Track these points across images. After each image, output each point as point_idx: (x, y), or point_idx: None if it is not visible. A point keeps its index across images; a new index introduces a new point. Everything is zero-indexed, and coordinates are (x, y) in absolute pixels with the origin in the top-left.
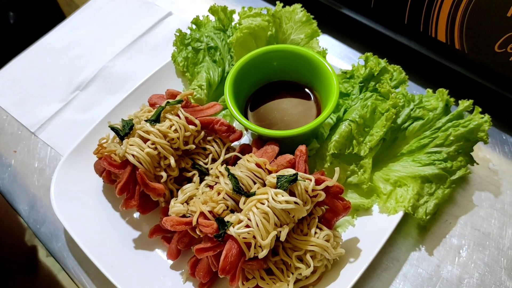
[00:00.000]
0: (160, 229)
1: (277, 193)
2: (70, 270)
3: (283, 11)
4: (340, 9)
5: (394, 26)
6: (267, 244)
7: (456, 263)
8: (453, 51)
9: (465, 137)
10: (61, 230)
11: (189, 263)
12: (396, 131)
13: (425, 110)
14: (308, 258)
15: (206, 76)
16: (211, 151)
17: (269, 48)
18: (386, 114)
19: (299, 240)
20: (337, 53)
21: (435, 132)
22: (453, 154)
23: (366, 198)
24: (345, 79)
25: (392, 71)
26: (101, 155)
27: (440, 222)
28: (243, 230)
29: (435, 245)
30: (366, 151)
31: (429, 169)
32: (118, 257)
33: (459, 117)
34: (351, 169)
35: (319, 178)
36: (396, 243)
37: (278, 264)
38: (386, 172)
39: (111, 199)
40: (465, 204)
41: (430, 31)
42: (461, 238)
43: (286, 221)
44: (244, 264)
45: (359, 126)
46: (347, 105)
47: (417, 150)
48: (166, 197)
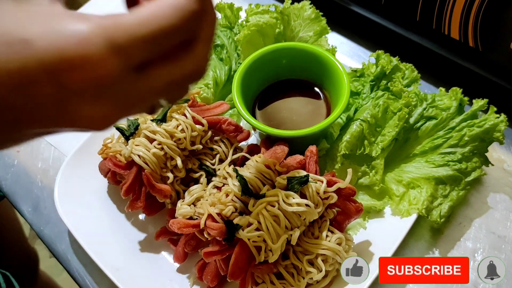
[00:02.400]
0: (166, 231)
1: (287, 195)
2: (74, 272)
3: (291, 8)
4: (349, 6)
5: (406, 23)
6: (277, 248)
7: (471, 267)
8: (466, 49)
9: (480, 138)
10: (65, 232)
11: (197, 267)
12: (408, 131)
13: (438, 110)
14: (319, 262)
15: (212, 75)
16: (219, 151)
17: (278, 46)
18: (399, 114)
19: (310, 243)
20: (346, 51)
21: (449, 132)
22: (468, 155)
23: (378, 200)
24: (355, 78)
25: (404, 70)
26: (106, 155)
27: (454, 224)
28: (253, 234)
29: (449, 249)
30: (378, 151)
31: (443, 170)
32: (123, 259)
33: (473, 116)
34: (362, 170)
35: (331, 180)
36: (408, 246)
37: (289, 268)
38: (399, 173)
39: (116, 200)
40: (479, 206)
41: (443, 28)
42: (476, 241)
43: (297, 224)
44: (253, 268)
45: (371, 126)
46: (357, 104)
47: (430, 150)
48: (173, 198)
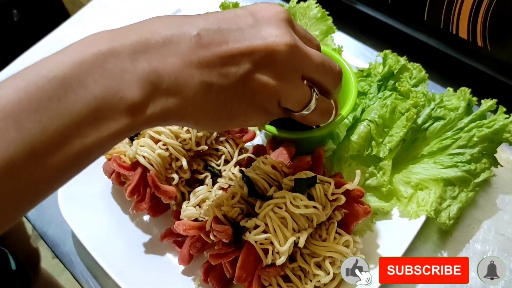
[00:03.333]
0: (171, 233)
1: (295, 197)
2: (78, 274)
3: (297, 7)
4: (355, 5)
5: (413, 22)
6: (285, 251)
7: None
8: (475, 48)
9: (489, 138)
10: (69, 233)
11: (202, 269)
12: (416, 131)
13: (446, 110)
14: (327, 265)
15: None
16: (224, 152)
17: None
18: (407, 114)
19: (318, 246)
20: (352, 50)
21: (457, 133)
22: (476, 156)
23: (386, 201)
24: (361, 78)
25: (411, 69)
26: (110, 156)
27: (463, 226)
28: (260, 236)
29: (458, 251)
30: (386, 152)
31: (451, 172)
32: (128, 261)
33: (482, 117)
34: (369, 171)
35: (339, 181)
36: (416, 248)
37: (296, 271)
38: (407, 175)
39: (120, 201)
40: (488, 208)
41: (451, 27)
42: (485, 244)
43: (305, 226)
44: (260, 271)
45: (379, 126)
46: (364, 105)
47: (438, 151)
48: (178, 199)
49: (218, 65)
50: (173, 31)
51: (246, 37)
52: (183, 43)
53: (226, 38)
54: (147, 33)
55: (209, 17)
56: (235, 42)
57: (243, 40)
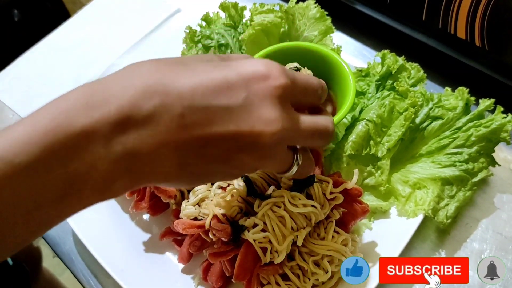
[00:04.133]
0: (171, 232)
1: (294, 196)
2: (79, 273)
3: (296, 7)
4: (354, 5)
5: (411, 22)
6: (283, 249)
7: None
8: (473, 48)
9: (487, 138)
10: (69, 232)
11: (202, 267)
12: (414, 131)
13: (444, 110)
14: (325, 263)
15: None
16: None
17: (283, 45)
18: (405, 114)
19: (316, 244)
20: (350, 50)
21: (455, 132)
22: (474, 155)
23: (384, 200)
24: (360, 77)
25: (410, 69)
26: None
27: (461, 225)
28: (259, 235)
29: (456, 250)
30: (384, 152)
31: (449, 171)
32: (127, 260)
33: (479, 117)
34: (368, 171)
35: (337, 180)
36: (414, 247)
37: (294, 269)
38: (405, 174)
39: (120, 200)
40: (486, 207)
41: (449, 27)
42: (482, 242)
43: (303, 225)
44: (259, 270)
45: (377, 126)
46: (362, 104)
47: (436, 151)
48: (177, 199)
49: (196, 146)
50: (156, 103)
51: (233, 120)
52: (163, 123)
53: (211, 119)
54: (127, 105)
55: (199, 87)
56: (220, 124)
57: (228, 123)
